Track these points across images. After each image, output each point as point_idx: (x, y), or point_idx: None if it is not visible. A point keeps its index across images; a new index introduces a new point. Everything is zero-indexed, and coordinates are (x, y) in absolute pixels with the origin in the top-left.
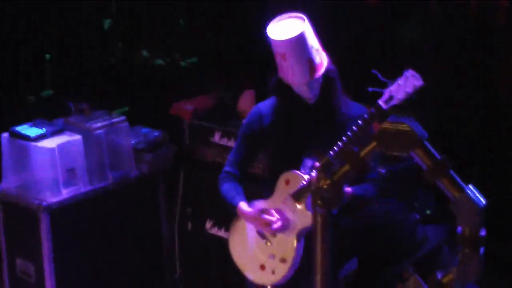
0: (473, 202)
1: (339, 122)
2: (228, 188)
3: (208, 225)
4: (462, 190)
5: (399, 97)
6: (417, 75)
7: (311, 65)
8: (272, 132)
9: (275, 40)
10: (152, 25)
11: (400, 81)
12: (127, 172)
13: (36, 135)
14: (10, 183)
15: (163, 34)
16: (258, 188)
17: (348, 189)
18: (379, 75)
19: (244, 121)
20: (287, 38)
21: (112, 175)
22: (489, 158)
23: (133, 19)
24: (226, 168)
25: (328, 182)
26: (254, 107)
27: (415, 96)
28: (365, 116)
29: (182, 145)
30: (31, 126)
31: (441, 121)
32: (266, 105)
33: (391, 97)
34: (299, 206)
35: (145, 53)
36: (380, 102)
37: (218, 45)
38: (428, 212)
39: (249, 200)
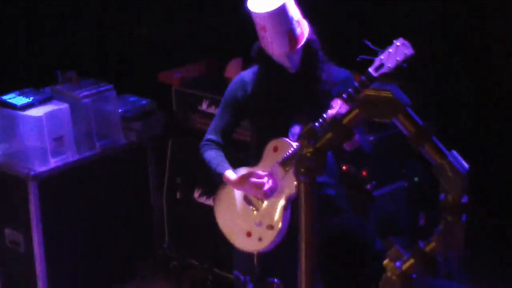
0: (455, 168)
1: (322, 89)
2: (211, 156)
3: (196, 193)
4: (444, 156)
5: (389, 65)
6: (408, 44)
7: (291, 37)
8: (256, 100)
9: (255, 13)
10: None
11: (391, 49)
12: (115, 140)
13: (23, 104)
14: None
15: (151, 5)
16: (245, 156)
17: (356, 137)
18: (369, 44)
19: (227, 89)
20: (267, 10)
21: (100, 144)
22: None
23: None
24: (208, 136)
25: (311, 149)
26: (237, 75)
27: (406, 65)
28: (356, 84)
29: (170, 113)
30: (19, 95)
31: (439, 93)
32: (249, 73)
33: (381, 65)
34: (286, 173)
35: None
36: (371, 70)
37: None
38: (416, 179)
39: (235, 167)
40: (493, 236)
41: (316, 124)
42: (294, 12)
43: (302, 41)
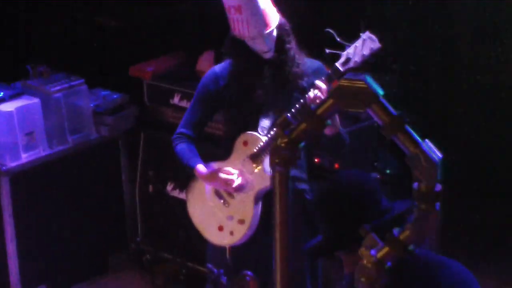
0: (428, 157)
1: (295, 76)
2: (183, 149)
3: (169, 187)
4: (417, 145)
5: (356, 59)
6: (374, 38)
7: (267, 16)
8: (228, 93)
9: None
10: None
11: (357, 43)
12: (87, 135)
13: None
14: None
15: None
16: (216, 149)
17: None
18: (335, 35)
19: (199, 82)
20: None
21: (72, 138)
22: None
23: None
24: (180, 129)
25: (285, 140)
26: (209, 69)
27: (373, 59)
28: (322, 78)
29: (142, 107)
30: None
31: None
32: (222, 67)
33: (348, 60)
34: (257, 168)
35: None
36: (337, 64)
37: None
38: (388, 171)
39: (206, 161)
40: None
41: (290, 114)
42: None
43: (276, 22)
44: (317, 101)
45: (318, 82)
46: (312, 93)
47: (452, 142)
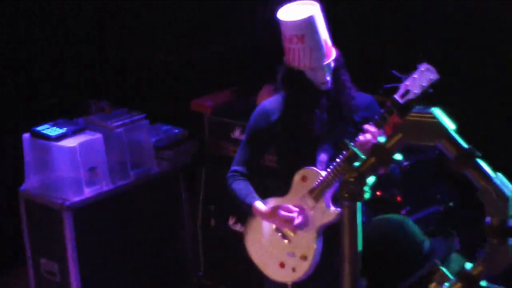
0: (500, 191)
1: (349, 109)
2: (238, 187)
3: (231, 221)
4: (489, 179)
5: (415, 91)
6: (432, 68)
7: (327, 47)
8: (282, 128)
9: (292, 22)
10: (168, 26)
11: (415, 75)
12: (149, 169)
13: (57, 135)
14: (32, 183)
15: (178, 33)
16: (271, 182)
17: None
18: (395, 72)
19: (250, 120)
20: (306, 16)
21: (134, 173)
22: None
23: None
24: (234, 167)
25: (354, 174)
26: (258, 105)
27: (431, 90)
28: (381, 111)
29: (203, 141)
30: (52, 126)
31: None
32: (272, 101)
33: (407, 92)
34: (317, 203)
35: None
36: (396, 96)
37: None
38: (451, 204)
39: (261, 194)
40: None
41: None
42: (324, 23)
43: (334, 54)
44: (368, 144)
45: (368, 126)
46: (362, 137)
47: None
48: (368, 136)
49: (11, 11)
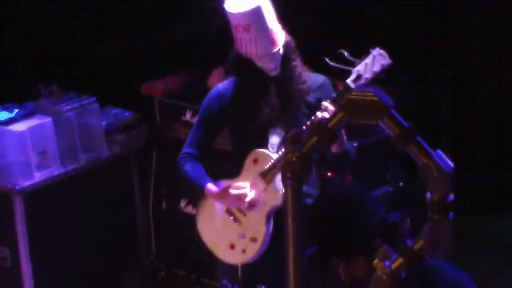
0: (440, 167)
1: (301, 93)
2: (190, 169)
3: (182, 204)
4: (429, 156)
5: (367, 76)
6: (384, 54)
7: (274, 35)
8: (234, 111)
9: (237, 13)
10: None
11: (368, 59)
12: (99, 153)
13: (6, 119)
14: None
15: (131, 16)
16: (223, 164)
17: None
18: (346, 54)
19: (203, 102)
20: (251, 8)
21: (84, 157)
22: None
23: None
24: (186, 149)
25: (297, 154)
26: (213, 88)
27: (383, 75)
28: (333, 95)
29: (154, 124)
30: (1, 110)
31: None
32: (225, 85)
33: (359, 76)
34: (268, 185)
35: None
36: (348, 81)
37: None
38: (400, 184)
39: (214, 177)
40: None
41: (301, 129)
42: (272, 11)
43: (283, 39)
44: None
45: (325, 103)
46: (320, 114)
47: None
48: (325, 114)
49: None
